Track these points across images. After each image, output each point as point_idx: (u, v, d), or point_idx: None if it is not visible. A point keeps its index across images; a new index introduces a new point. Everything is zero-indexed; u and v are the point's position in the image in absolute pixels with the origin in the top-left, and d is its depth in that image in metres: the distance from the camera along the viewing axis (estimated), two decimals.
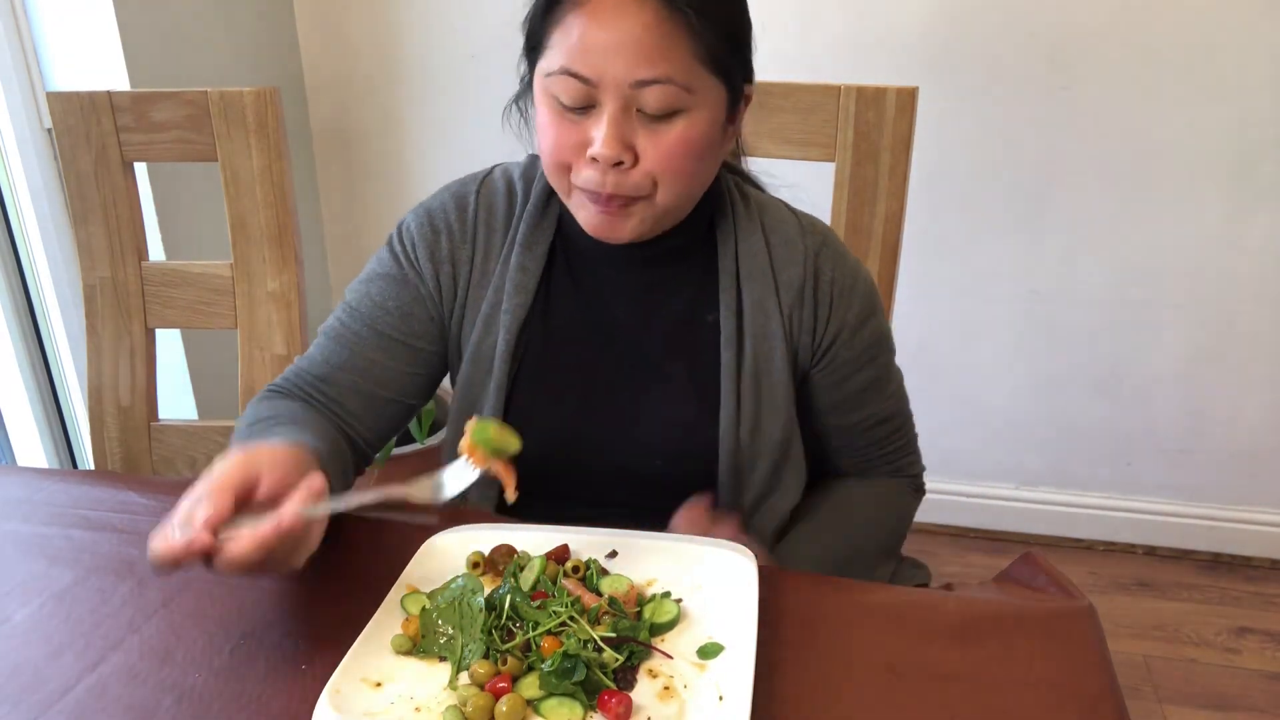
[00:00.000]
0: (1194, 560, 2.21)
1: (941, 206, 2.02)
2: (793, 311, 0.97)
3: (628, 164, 0.86)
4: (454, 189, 1.02)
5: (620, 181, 0.86)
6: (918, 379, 1.02)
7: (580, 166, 0.87)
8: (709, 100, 0.87)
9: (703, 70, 0.85)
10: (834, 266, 0.98)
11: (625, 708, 0.69)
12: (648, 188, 0.87)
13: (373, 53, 2.16)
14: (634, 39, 0.81)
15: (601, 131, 0.84)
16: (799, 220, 1.01)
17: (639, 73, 0.82)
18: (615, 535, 0.88)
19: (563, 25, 0.84)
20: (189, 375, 1.87)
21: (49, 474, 1.08)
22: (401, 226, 1.02)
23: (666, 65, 0.82)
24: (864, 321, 0.99)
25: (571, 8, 0.83)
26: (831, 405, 1.03)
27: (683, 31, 0.82)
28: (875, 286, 1.02)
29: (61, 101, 1.29)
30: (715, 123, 0.88)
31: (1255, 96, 1.85)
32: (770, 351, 0.97)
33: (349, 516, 0.93)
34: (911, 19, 1.91)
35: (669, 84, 0.83)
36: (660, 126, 0.85)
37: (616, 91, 0.83)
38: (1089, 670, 0.75)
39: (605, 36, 0.82)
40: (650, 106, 0.84)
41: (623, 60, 0.82)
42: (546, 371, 1.00)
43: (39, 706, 0.72)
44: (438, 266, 1.00)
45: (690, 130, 0.86)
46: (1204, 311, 2.02)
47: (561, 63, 0.84)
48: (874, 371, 1.02)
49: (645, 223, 0.90)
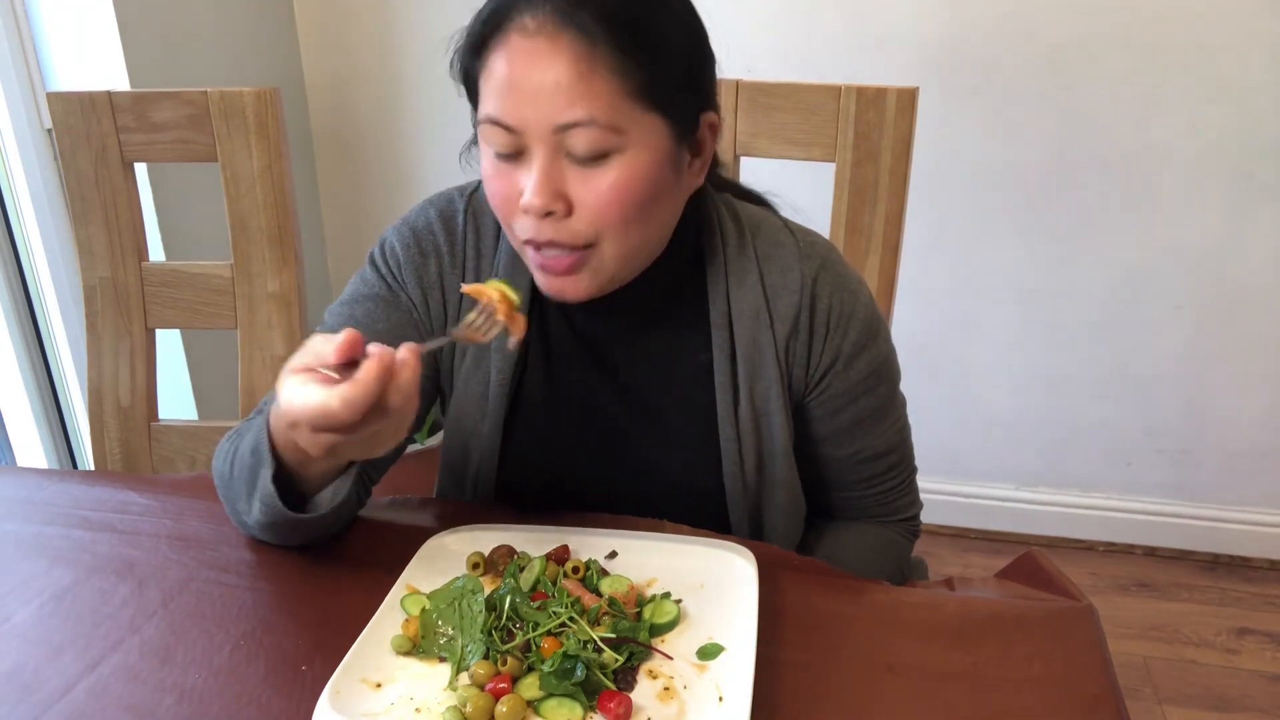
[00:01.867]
0: (1194, 560, 2.21)
1: (941, 206, 2.02)
2: (788, 342, 0.93)
3: (560, 213, 0.80)
4: (439, 205, 0.97)
5: (557, 229, 0.81)
6: (918, 379, 1.00)
7: (516, 217, 0.83)
8: (646, 139, 0.80)
9: (633, 108, 0.78)
10: (832, 292, 0.93)
11: (625, 708, 0.69)
12: (589, 236, 0.81)
13: (373, 53, 2.16)
14: (553, 80, 0.76)
15: (530, 180, 0.79)
16: (797, 242, 0.95)
17: (559, 116, 0.77)
18: (615, 535, 0.88)
19: (487, 70, 0.80)
20: (189, 375, 1.87)
21: (49, 474, 1.08)
22: (384, 246, 0.97)
23: (588, 105, 0.77)
24: (860, 350, 0.94)
25: (493, 51, 0.79)
26: (824, 436, 0.98)
27: (604, 68, 0.76)
28: (876, 311, 0.96)
29: (61, 101, 1.29)
30: (658, 162, 0.81)
31: (1255, 96, 1.85)
32: (767, 391, 0.93)
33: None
34: (911, 19, 1.91)
35: (592, 126, 0.77)
36: (593, 170, 0.79)
37: (541, 138, 0.78)
38: (1089, 670, 0.75)
39: (524, 80, 0.77)
40: (578, 150, 0.78)
41: (542, 104, 0.77)
42: (544, 408, 0.97)
43: (39, 706, 0.72)
44: (426, 292, 0.95)
45: (626, 173, 0.79)
46: (1204, 311, 2.02)
47: (487, 111, 0.80)
48: (872, 402, 0.97)
49: (599, 277, 0.84)
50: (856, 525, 1.06)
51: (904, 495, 1.05)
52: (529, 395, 0.97)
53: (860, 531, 1.05)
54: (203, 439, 1.38)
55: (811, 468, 1.01)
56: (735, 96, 1.26)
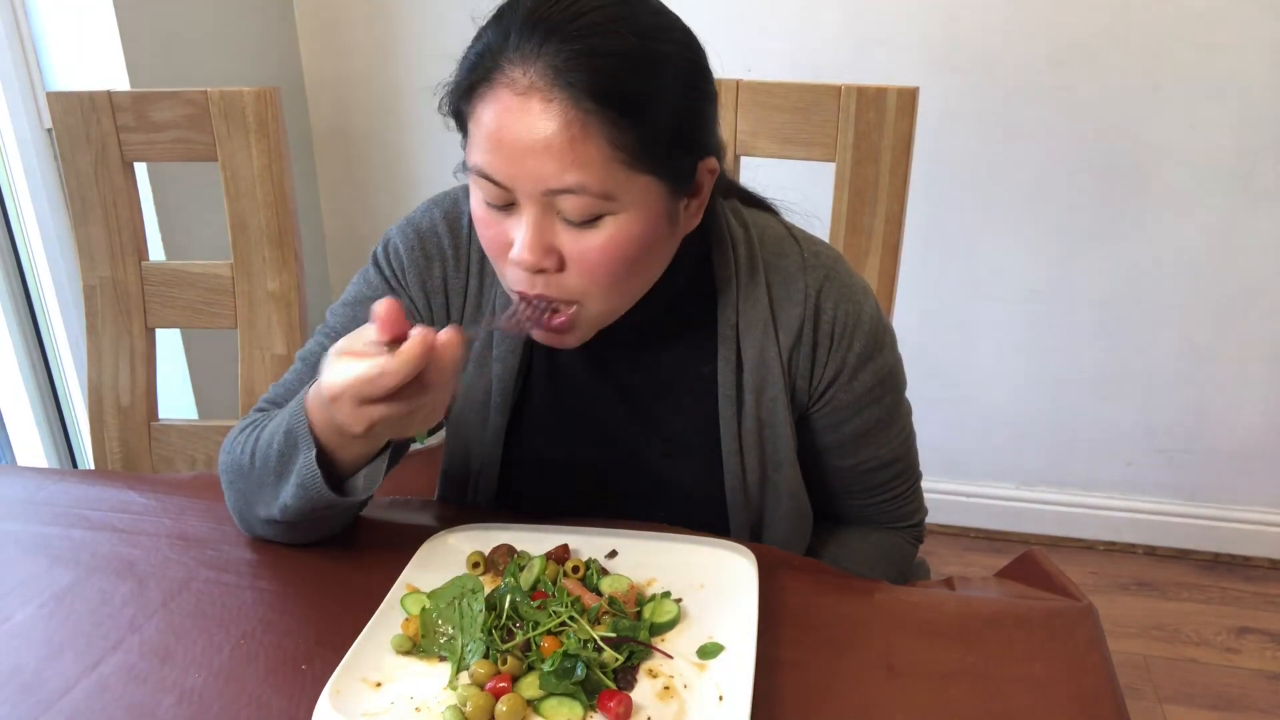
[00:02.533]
0: (1194, 560, 2.21)
1: (941, 206, 2.02)
2: (792, 353, 0.92)
3: (551, 269, 0.78)
4: (445, 206, 0.95)
5: (548, 284, 0.79)
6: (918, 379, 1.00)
7: (505, 267, 0.81)
8: (639, 201, 0.77)
9: (626, 172, 0.75)
10: (836, 304, 0.91)
11: (625, 708, 0.69)
12: (578, 293, 0.80)
13: (373, 52, 2.16)
14: (542, 144, 0.73)
15: (521, 236, 0.77)
16: (801, 252, 0.93)
17: (549, 181, 0.74)
18: (615, 535, 0.89)
19: (475, 116, 0.77)
20: (189, 375, 1.86)
21: (49, 474, 1.08)
22: (388, 246, 0.96)
23: (579, 173, 0.73)
24: (865, 362, 0.92)
25: (482, 97, 0.76)
26: (828, 446, 0.97)
27: (595, 133, 0.73)
28: (882, 321, 0.95)
29: (61, 101, 1.29)
30: (652, 221, 0.79)
31: (1255, 96, 1.85)
32: (773, 404, 0.93)
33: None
34: (911, 19, 1.91)
35: (583, 194, 0.74)
36: (585, 232, 0.77)
37: (531, 197, 0.76)
38: (1089, 670, 0.75)
39: (511, 138, 0.74)
40: (569, 214, 0.76)
41: (531, 166, 0.74)
42: (546, 417, 0.97)
43: (39, 706, 0.72)
44: (430, 295, 0.94)
45: (617, 236, 0.77)
46: (1204, 311, 2.02)
47: (476, 161, 0.77)
48: (877, 413, 0.95)
49: (589, 329, 0.84)
50: (860, 530, 1.05)
51: (909, 503, 1.04)
52: (531, 405, 0.97)
53: (864, 535, 1.05)
54: (203, 439, 1.38)
55: (816, 477, 1.01)
56: (735, 96, 1.26)
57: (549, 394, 0.96)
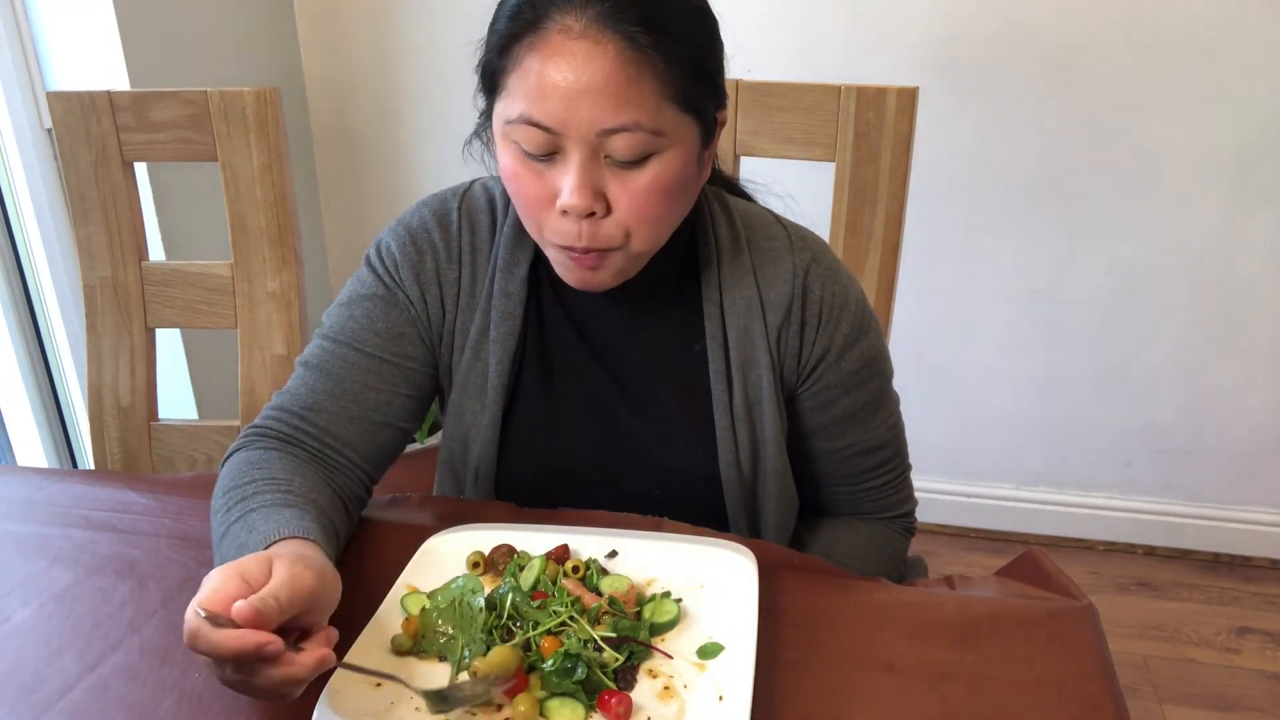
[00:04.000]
0: (1194, 560, 2.21)
1: (941, 206, 2.02)
2: (780, 332, 0.94)
3: (600, 214, 0.81)
4: (433, 205, 0.97)
5: (594, 233, 0.82)
6: (918, 379, 1.00)
7: (550, 219, 0.82)
8: (682, 140, 0.81)
9: (673, 110, 0.79)
10: (823, 285, 0.93)
11: (625, 708, 0.69)
12: (620, 238, 0.83)
13: (373, 53, 2.16)
14: (597, 85, 0.76)
15: (570, 181, 0.79)
16: (788, 235, 0.96)
17: (604, 121, 0.77)
18: (615, 535, 0.88)
19: (520, 68, 0.78)
20: (189, 375, 1.87)
21: (49, 474, 1.08)
22: (380, 246, 0.97)
23: (633, 111, 0.77)
24: (853, 343, 0.94)
25: (528, 49, 0.78)
26: (816, 428, 0.99)
27: (649, 73, 0.77)
28: (868, 306, 0.97)
29: (61, 101, 1.29)
30: (689, 161, 0.83)
31: (1255, 96, 1.85)
32: (759, 380, 0.94)
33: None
34: (911, 19, 1.91)
35: (637, 130, 0.77)
36: (631, 172, 0.80)
37: (582, 140, 0.78)
38: (1089, 670, 0.75)
39: (565, 82, 0.76)
40: (619, 154, 0.79)
41: (586, 108, 0.76)
42: (542, 399, 0.98)
43: (39, 706, 0.72)
44: (424, 288, 0.95)
45: (663, 173, 0.81)
46: (1204, 311, 2.02)
47: (521, 110, 0.78)
48: (864, 396, 0.97)
49: (623, 272, 0.87)
50: (850, 522, 1.06)
51: (897, 492, 1.05)
52: (527, 386, 0.98)
53: (854, 528, 1.06)
54: (203, 439, 1.38)
55: (804, 462, 1.02)
56: (735, 96, 1.26)
57: (543, 375, 0.98)
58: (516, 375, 0.97)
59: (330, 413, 0.93)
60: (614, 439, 0.97)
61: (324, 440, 0.93)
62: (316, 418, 0.93)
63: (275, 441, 0.92)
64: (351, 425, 0.93)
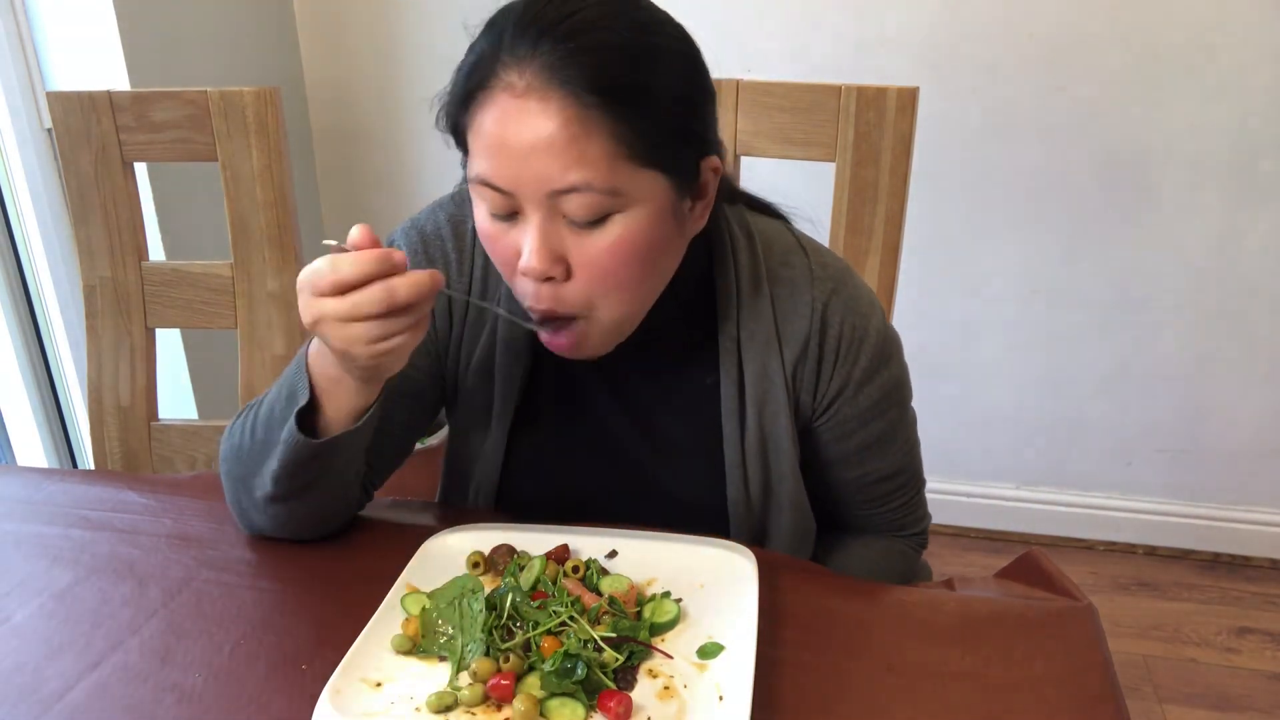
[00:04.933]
0: (1194, 560, 2.21)
1: (941, 206, 2.02)
2: (796, 367, 0.91)
3: (559, 278, 0.78)
4: (449, 210, 0.95)
5: (554, 296, 0.79)
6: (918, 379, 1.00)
7: (515, 279, 0.80)
8: (646, 196, 0.76)
9: (630, 167, 0.74)
10: (843, 318, 0.90)
11: (625, 708, 0.69)
12: (582, 306, 0.79)
13: (373, 52, 2.16)
14: (544, 144, 0.72)
15: (529, 243, 0.76)
16: (809, 264, 0.92)
17: (553, 181, 0.73)
18: (615, 535, 0.88)
19: (475, 125, 0.76)
20: (189, 375, 1.86)
21: (49, 474, 1.08)
22: (393, 246, 0.94)
23: (582, 170, 0.73)
24: (871, 376, 0.92)
25: (479, 107, 0.75)
26: (833, 459, 0.97)
27: (597, 130, 0.72)
28: (889, 333, 0.94)
29: (61, 101, 1.29)
30: (659, 217, 0.78)
31: (1255, 96, 1.85)
32: (775, 416, 0.92)
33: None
34: (911, 19, 1.91)
35: (588, 191, 0.74)
36: (591, 233, 0.76)
37: (535, 201, 0.75)
38: (1089, 670, 0.75)
39: (513, 142, 0.73)
40: (575, 215, 0.75)
41: (534, 167, 0.73)
42: (547, 426, 0.96)
43: (39, 706, 0.72)
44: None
45: (626, 234, 0.76)
46: (1204, 311, 2.02)
47: (477, 171, 0.77)
48: (882, 426, 0.95)
49: (607, 337, 0.83)
50: (863, 539, 1.05)
51: (913, 512, 1.04)
52: (533, 413, 0.96)
53: (867, 544, 1.05)
54: (203, 439, 1.38)
55: (821, 487, 1.00)
56: (735, 96, 1.26)
57: (551, 402, 0.96)
58: (523, 398, 0.96)
59: None
60: (620, 468, 0.96)
61: None
62: None
63: None
64: None
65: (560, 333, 0.81)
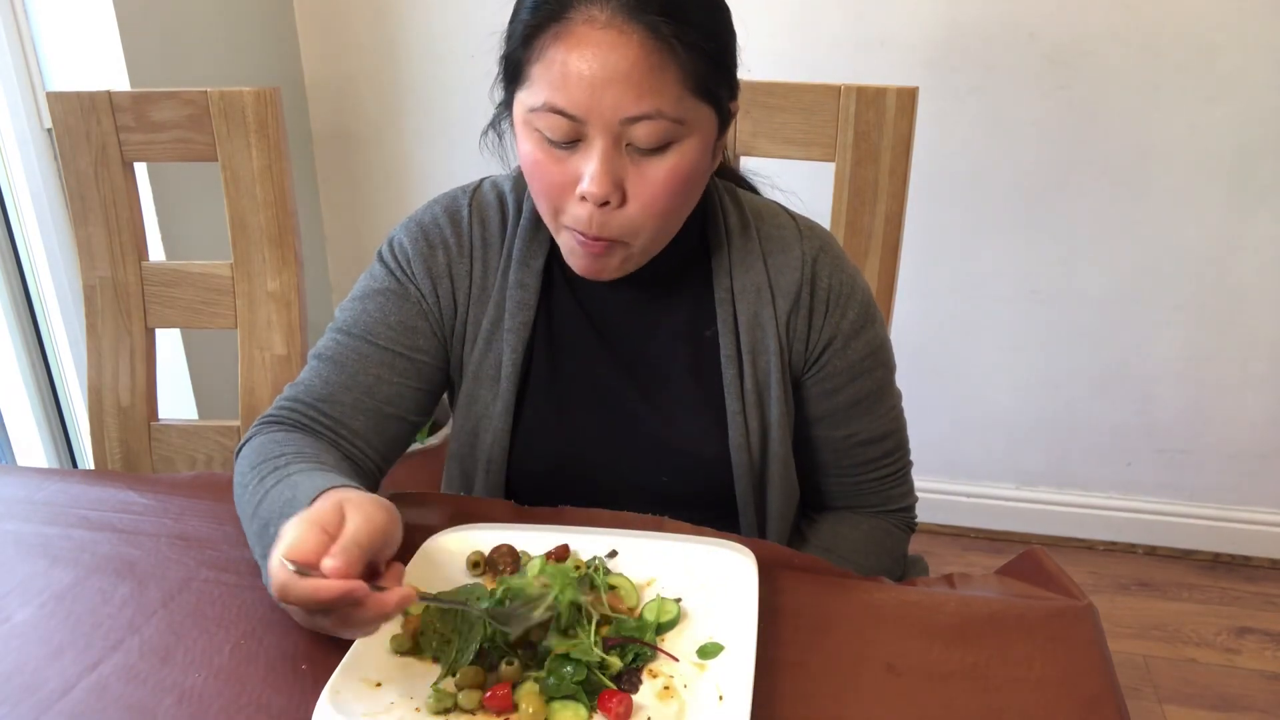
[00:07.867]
0: (1194, 560, 2.21)
1: (941, 206, 2.02)
2: (789, 318, 0.96)
3: (614, 204, 0.83)
4: (444, 202, 1.00)
5: (606, 222, 0.84)
6: (918, 379, 1.01)
7: (568, 204, 0.85)
8: (700, 128, 0.84)
9: (692, 99, 0.82)
10: (831, 273, 0.96)
11: (626, 708, 0.69)
12: (628, 234, 0.85)
13: (373, 53, 2.16)
14: (621, 73, 0.78)
15: (593, 168, 0.81)
16: (797, 224, 0.99)
17: (628, 109, 0.79)
18: (615, 535, 0.88)
19: (544, 58, 0.80)
20: (189, 375, 1.86)
21: (49, 474, 1.08)
22: (392, 242, 0.99)
23: (656, 99, 0.79)
24: (858, 331, 0.97)
25: (553, 39, 0.80)
26: (821, 415, 1.01)
27: (671, 62, 0.79)
28: (872, 298, 1.00)
29: (61, 101, 1.29)
30: (705, 149, 0.86)
31: (1255, 96, 1.85)
32: (768, 365, 0.96)
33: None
34: (911, 19, 1.91)
35: (660, 119, 0.80)
36: (651, 161, 0.82)
37: (606, 128, 0.80)
38: (1089, 670, 0.75)
39: (590, 71, 0.78)
40: (641, 141, 0.81)
41: (610, 96, 0.78)
42: (552, 387, 0.99)
43: (39, 706, 0.72)
44: (436, 281, 0.97)
45: (682, 163, 0.83)
46: (1204, 311, 2.02)
47: (545, 98, 0.80)
48: (868, 384, 0.99)
49: (629, 262, 0.89)
50: (851, 516, 1.07)
51: (899, 485, 1.06)
52: (538, 374, 0.99)
53: (855, 523, 1.06)
54: (203, 439, 1.38)
55: (808, 451, 1.03)
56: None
57: (554, 364, 0.99)
58: (528, 364, 0.99)
59: (343, 404, 0.95)
60: (624, 425, 0.99)
61: (338, 431, 0.95)
62: (329, 409, 0.95)
63: (292, 427, 0.94)
64: (364, 417, 0.95)
65: (599, 249, 0.86)
